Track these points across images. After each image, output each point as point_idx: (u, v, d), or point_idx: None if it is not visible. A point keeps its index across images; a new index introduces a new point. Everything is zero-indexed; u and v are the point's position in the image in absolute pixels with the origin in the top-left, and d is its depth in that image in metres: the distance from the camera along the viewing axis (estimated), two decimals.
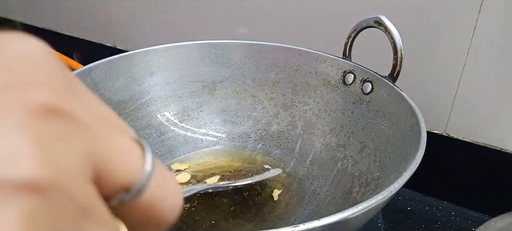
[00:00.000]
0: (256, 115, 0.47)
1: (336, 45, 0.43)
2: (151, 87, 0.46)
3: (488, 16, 0.40)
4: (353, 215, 0.23)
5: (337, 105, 0.43)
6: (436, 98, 0.45)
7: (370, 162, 0.37)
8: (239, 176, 0.42)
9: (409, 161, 0.28)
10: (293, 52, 0.45)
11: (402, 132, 0.34)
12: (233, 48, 0.47)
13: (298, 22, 0.51)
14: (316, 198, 0.39)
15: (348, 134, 0.41)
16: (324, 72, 0.44)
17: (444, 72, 0.44)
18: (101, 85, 0.42)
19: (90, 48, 0.71)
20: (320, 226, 0.22)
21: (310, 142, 0.44)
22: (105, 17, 0.67)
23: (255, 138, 0.47)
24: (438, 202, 0.46)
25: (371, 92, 0.40)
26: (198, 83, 0.47)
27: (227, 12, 0.55)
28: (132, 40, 0.67)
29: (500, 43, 0.40)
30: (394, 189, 0.25)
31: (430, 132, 0.46)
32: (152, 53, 0.45)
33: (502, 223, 0.37)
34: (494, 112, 0.43)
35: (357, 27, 0.40)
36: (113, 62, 0.43)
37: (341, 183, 0.39)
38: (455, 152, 0.45)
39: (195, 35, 0.60)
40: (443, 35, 0.42)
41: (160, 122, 0.46)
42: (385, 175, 0.34)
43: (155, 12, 0.62)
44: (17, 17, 0.81)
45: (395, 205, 0.45)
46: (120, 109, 0.43)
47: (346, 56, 0.42)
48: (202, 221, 0.37)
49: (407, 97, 0.35)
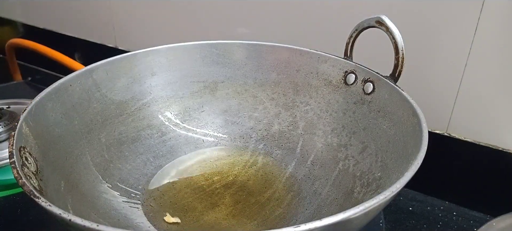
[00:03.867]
0: (258, 115, 0.47)
1: (338, 45, 0.43)
2: (152, 87, 0.46)
3: (489, 16, 0.40)
4: (355, 215, 0.23)
5: (339, 105, 0.43)
6: (438, 98, 0.45)
7: (372, 162, 0.37)
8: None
9: (410, 161, 0.28)
10: (294, 52, 0.45)
11: (404, 132, 0.34)
12: (235, 48, 0.47)
13: (300, 22, 0.51)
14: (317, 198, 0.39)
15: (350, 134, 0.41)
16: (325, 73, 0.44)
17: (446, 72, 0.43)
18: (102, 85, 0.42)
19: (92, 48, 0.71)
20: (322, 226, 0.22)
21: (312, 142, 0.44)
22: (107, 17, 0.68)
23: (257, 138, 0.47)
24: (439, 202, 0.46)
25: (373, 93, 0.40)
26: (199, 83, 0.48)
27: (228, 13, 0.55)
28: (134, 40, 0.67)
29: (502, 43, 0.40)
30: (396, 189, 0.25)
31: (432, 132, 0.46)
32: (153, 54, 0.45)
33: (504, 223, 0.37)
34: (496, 112, 0.42)
35: (359, 27, 0.40)
36: (115, 63, 0.43)
37: (342, 183, 0.39)
38: (457, 152, 0.45)
39: (196, 35, 0.60)
40: (444, 35, 0.42)
41: (162, 122, 0.46)
42: (387, 175, 0.34)
43: (156, 12, 0.62)
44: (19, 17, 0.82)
45: (397, 205, 0.45)
46: (121, 109, 0.43)
47: (347, 56, 0.42)
48: (203, 220, 0.37)
49: (408, 97, 0.35)
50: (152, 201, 0.39)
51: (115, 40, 0.69)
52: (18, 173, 0.26)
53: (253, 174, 0.43)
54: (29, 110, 0.33)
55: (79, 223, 0.22)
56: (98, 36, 0.71)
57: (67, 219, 0.22)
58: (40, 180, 0.29)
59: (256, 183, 0.42)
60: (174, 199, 0.40)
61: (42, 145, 0.33)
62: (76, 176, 0.36)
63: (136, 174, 0.42)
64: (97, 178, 0.38)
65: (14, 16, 0.82)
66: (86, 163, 0.38)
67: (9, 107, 0.55)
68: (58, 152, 0.35)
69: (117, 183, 0.39)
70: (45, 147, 0.33)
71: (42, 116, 0.35)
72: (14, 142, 0.29)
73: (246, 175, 0.43)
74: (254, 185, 0.42)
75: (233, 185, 0.42)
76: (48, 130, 0.35)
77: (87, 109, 0.40)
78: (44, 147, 0.33)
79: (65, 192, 0.33)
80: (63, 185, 0.33)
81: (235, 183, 0.42)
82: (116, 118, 0.43)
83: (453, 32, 0.42)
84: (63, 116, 0.37)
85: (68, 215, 0.22)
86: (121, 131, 0.43)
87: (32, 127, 0.32)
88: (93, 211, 0.35)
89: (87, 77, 0.40)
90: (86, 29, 0.72)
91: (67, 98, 0.38)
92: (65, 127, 0.37)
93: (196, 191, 0.41)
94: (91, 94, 0.41)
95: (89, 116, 0.40)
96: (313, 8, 0.49)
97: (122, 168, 0.41)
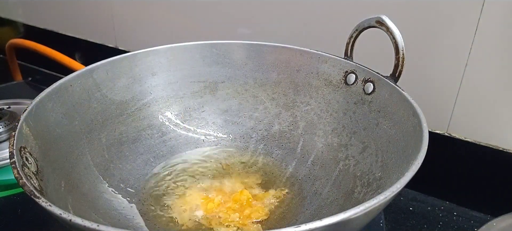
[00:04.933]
0: (258, 115, 0.47)
1: (338, 45, 0.43)
2: (152, 87, 0.46)
3: (490, 16, 0.40)
4: (355, 215, 0.23)
5: (339, 105, 0.43)
6: (438, 98, 0.45)
7: (372, 162, 0.37)
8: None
9: (411, 161, 0.28)
10: (294, 52, 0.45)
11: (404, 132, 0.34)
12: (235, 48, 0.47)
13: (300, 22, 0.51)
14: (318, 198, 0.39)
15: (350, 134, 0.41)
16: (325, 73, 0.44)
17: (446, 72, 0.43)
18: (103, 85, 0.42)
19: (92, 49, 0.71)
20: (322, 226, 0.22)
21: (312, 142, 0.44)
22: (107, 18, 0.68)
23: (257, 138, 0.47)
24: (440, 202, 0.46)
25: (373, 93, 0.40)
26: (200, 83, 0.48)
27: (228, 13, 0.55)
28: (134, 40, 0.67)
29: (502, 43, 0.40)
30: (396, 189, 0.25)
31: (432, 132, 0.46)
32: (153, 54, 0.45)
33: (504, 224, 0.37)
34: (496, 112, 0.42)
35: (359, 27, 0.40)
36: (115, 63, 0.43)
37: (343, 183, 0.39)
38: (457, 152, 0.45)
39: (196, 35, 0.60)
40: (445, 35, 0.42)
41: (162, 122, 0.46)
42: (387, 175, 0.34)
43: (156, 12, 0.62)
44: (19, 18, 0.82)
45: (397, 205, 0.45)
46: (121, 110, 0.43)
47: (347, 56, 0.42)
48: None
49: (409, 97, 0.35)
50: (153, 201, 0.39)
51: (115, 40, 0.69)
52: (18, 173, 0.26)
53: (254, 174, 0.43)
54: (29, 110, 0.33)
55: (80, 223, 0.22)
56: (99, 36, 0.71)
57: (67, 219, 0.22)
58: (40, 180, 0.29)
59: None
60: (174, 199, 0.40)
61: (43, 145, 0.33)
62: (77, 176, 0.36)
63: (136, 174, 0.42)
64: (98, 178, 0.38)
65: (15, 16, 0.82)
66: (86, 163, 0.38)
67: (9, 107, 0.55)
68: (59, 152, 0.35)
69: (117, 183, 0.39)
70: (46, 147, 0.33)
71: (42, 116, 0.35)
72: (14, 142, 0.29)
73: (246, 175, 0.43)
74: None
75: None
76: (48, 130, 0.35)
77: (87, 110, 0.40)
78: (45, 147, 0.33)
79: (66, 192, 0.33)
80: (64, 185, 0.33)
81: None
82: (117, 118, 0.43)
83: (454, 32, 0.42)
84: (63, 116, 0.37)
85: (69, 215, 0.22)
86: (122, 131, 0.43)
87: (32, 127, 0.32)
88: (94, 211, 0.35)
89: (88, 77, 0.40)
90: (86, 29, 0.72)
91: (68, 98, 0.38)
92: (65, 127, 0.37)
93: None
94: (91, 94, 0.41)
95: (90, 116, 0.40)
96: (313, 8, 0.49)
97: (122, 168, 0.41)
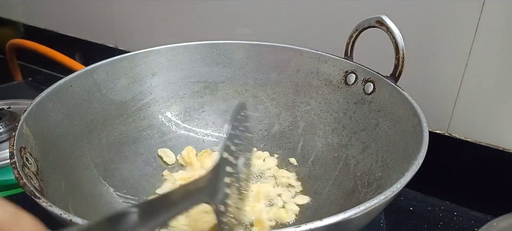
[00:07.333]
0: (258, 115, 0.47)
1: (338, 45, 0.43)
2: (152, 88, 0.46)
3: (490, 16, 0.40)
4: (356, 215, 0.23)
5: (339, 105, 0.43)
6: (438, 98, 0.45)
7: (372, 162, 0.37)
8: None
9: (411, 161, 0.28)
10: (294, 52, 0.45)
11: (404, 132, 0.34)
12: (235, 48, 0.47)
13: (300, 22, 0.51)
14: (318, 198, 0.39)
15: (350, 134, 0.41)
16: (325, 73, 0.44)
17: (446, 72, 0.43)
18: (103, 86, 0.42)
19: (92, 49, 0.71)
20: (322, 226, 0.22)
21: (312, 142, 0.44)
22: (107, 18, 0.68)
23: (257, 138, 0.47)
24: (440, 202, 0.46)
25: (373, 93, 0.40)
26: (200, 83, 0.48)
27: (228, 13, 0.55)
28: (134, 41, 0.67)
29: (502, 43, 0.40)
30: (396, 189, 0.25)
31: (432, 132, 0.46)
32: (153, 54, 0.45)
33: (505, 223, 0.37)
34: (496, 112, 0.42)
35: (359, 27, 0.40)
36: (115, 63, 0.43)
37: (343, 183, 0.39)
38: (457, 152, 0.45)
39: (196, 35, 0.60)
40: (445, 35, 0.42)
41: (162, 122, 0.46)
42: (387, 175, 0.34)
43: (156, 13, 0.62)
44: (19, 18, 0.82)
45: (398, 205, 0.45)
46: (121, 110, 0.43)
47: (347, 56, 0.42)
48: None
49: (409, 97, 0.35)
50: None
51: (115, 41, 0.69)
52: (18, 174, 0.26)
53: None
54: (29, 110, 0.33)
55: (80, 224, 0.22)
56: (99, 36, 0.71)
57: (68, 219, 0.22)
58: (40, 180, 0.29)
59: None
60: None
61: (43, 145, 0.33)
62: (77, 176, 0.36)
63: (136, 174, 0.42)
64: (98, 178, 0.38)
65: (15, 16, 0.82)
66: (86, 163, 0.38)
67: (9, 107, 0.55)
68: (59, 152, 0.35)
69: (117, 183, 0.39)
70: (46, 147, 0.33)
71: (42, 116, 0.35)
72: (14, 142, 0.29)
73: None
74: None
75: None
76: (48, 130, 0.35)
77: (87, 110, 0.40)
78: (45, 147, 0.33)
79: (66, 192, 0.33)
80: (64, 185, 0.33)
81: None
82: (117, 118, 0.43)
83: (454, 32, 0.42)
84: (63, 116, 0.37)
85: (69, 216, 0.22)
86: (122, 131, 0.43)
87: (32, 127, 0.32)
88: (94, 211, 0.35)
89: (88, 77, 0.40)
90: (86, 30, 0.72)
91: (68, 98, 0.38)
92: (65, 127, 0.37)
93: None
94: (91, 94, 0.41)
95: (90, 116, 0.40)
96: (313, 9, 0.49)
97: (122, 168, 0.41)
